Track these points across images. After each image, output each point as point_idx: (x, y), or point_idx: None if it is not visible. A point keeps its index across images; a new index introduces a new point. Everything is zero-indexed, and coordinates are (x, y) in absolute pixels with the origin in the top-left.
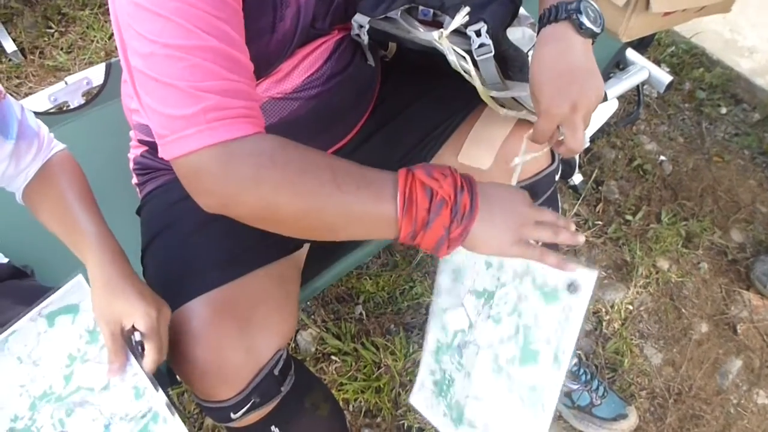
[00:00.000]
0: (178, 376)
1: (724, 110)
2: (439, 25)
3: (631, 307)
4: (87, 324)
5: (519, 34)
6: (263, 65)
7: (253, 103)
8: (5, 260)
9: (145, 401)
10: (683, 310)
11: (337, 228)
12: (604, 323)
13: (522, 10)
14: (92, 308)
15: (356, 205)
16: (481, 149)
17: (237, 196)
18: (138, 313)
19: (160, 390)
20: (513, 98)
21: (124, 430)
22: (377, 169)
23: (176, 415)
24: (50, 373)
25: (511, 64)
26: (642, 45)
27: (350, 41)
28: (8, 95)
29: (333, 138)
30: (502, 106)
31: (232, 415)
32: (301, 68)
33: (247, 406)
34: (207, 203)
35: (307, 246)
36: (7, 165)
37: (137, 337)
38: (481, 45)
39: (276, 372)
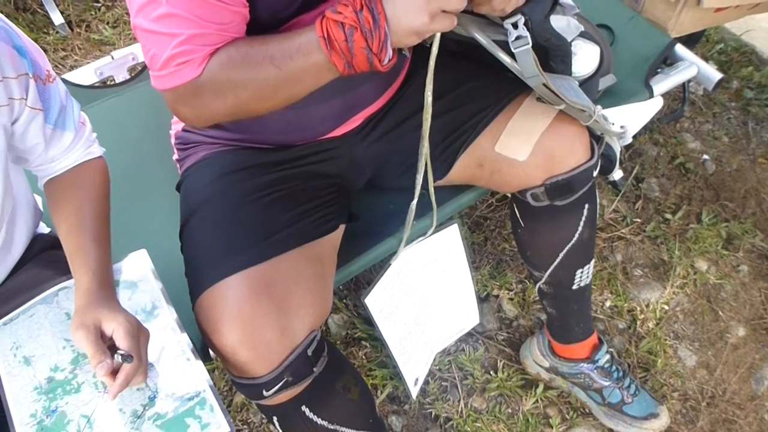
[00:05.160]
0: (211, 352)
1: None
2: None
3: (666, 307)
4: (144, 304)
5: (564, 23)
6: (279, 6)
7: (219, 45)
8: (47, 230)
9: (194, 385)
10: (720, 313)
11: (294, 92)
12: (638, 322)
13: (568, 0)
14: (71, 323)
15: (296, 70)
16: (519, 140)
17: (207, 114)
18: (117, 319)
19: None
20: (552, 91)
21: (168, 406)
22: (302, 30)
23: (223, 408)
24: None
25: (553, 54)
26: (691, 41)
27: None
28: (59, 80)
29: (360, 98)
30: (539, 99)
31: (264, 393)
32: None
33: (280, 384)
34: (186, 120)
35: (342, 227)
36: (39, 145)
37: (120, 354)
38: (518, 37)
39: (309, 352)
